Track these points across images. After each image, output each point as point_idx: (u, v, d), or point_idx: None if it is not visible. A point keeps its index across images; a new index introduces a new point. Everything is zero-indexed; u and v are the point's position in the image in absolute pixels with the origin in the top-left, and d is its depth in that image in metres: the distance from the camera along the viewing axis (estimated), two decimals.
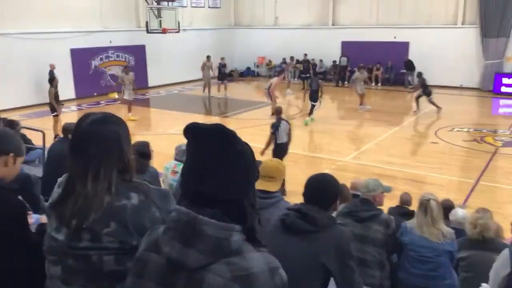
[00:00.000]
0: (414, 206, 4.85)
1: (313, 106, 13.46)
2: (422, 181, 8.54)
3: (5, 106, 14.09)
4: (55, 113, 11.59)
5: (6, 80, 14.73)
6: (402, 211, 4.98)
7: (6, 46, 14.81)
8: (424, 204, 3.75)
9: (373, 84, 20.89)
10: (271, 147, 8.02)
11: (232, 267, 1.18)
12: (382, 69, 20.83)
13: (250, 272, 1.18)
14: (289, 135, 8.09)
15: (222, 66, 18.36)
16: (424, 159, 9.85)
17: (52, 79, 12.07)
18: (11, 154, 1.91)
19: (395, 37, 20.29)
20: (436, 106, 14.59)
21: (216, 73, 18.33)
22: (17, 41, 15.12)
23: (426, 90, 14.59)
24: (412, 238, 3.77)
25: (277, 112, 8.48)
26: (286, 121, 8.15)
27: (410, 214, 4.67)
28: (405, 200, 5.27)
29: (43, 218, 2.55)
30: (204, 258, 1.19)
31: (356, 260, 2.44)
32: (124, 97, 13.99)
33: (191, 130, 1.29)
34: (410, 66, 19.85)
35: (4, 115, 8.36)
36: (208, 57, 17.90)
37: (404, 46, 20.13)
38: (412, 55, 19.84)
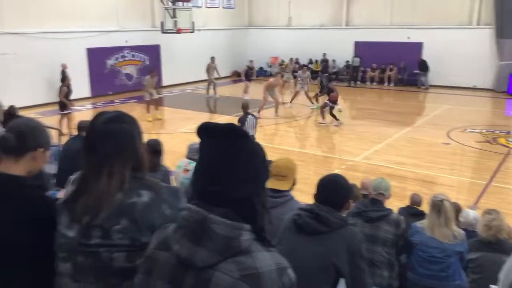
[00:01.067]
0: (424, 207, 4.86)
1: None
2: (432, 182, 8.49)
3: (23, 103, 14.26)
4: (65, 111, 11.80)
5: (23, 78, 14.97)
6: (413, 212, 4.97)
7: (26, 45, 15.05)
8: (438, 205, 3.73)
9: (385, 84, 20.80)
10: None
11: (241, 266, 1.19)
12: (395, 70, 20.71)
13: (259, 272, 1.18)
14: (255, 128, 8.55)
15: (250, 68, 18.28)
16: (435, 159, 9.78)
17: (64, 78, 12.26)
18: (40, 149, 1.86)
19: (408, 38, 20.13)
20: (323, 118, 13.10)
21: (221, 74, 18.45)
22: (36, 40, 15.35)
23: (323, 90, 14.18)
24: (422, 239, 3.77)
25: (243, 107, 8.85)
26: (253, 115, 8.57)
27: (420, 215, 4.67)
28: (415, 201, 5.27)
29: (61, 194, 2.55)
30: (213, 256, 1.19)
31: (366, 261, 2.45)
32: (153, 97, 14.06)
33: (203, 129, 1.30)
34: (423, 66, 19.70)
35: (21, 113, 8.51)
36: (212, 58, 17.87)
37: (418, 46, 19.97)
38: (425, 56, 19.68)
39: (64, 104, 11.76)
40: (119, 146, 1.60)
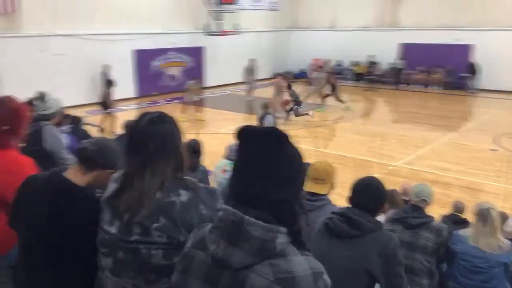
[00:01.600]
0: (467, 215, 4.71)
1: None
2: (477, 189, 8.18)
3: (71, 103, 14.84)
4: (108, 110, 12.31)
5: (72, 78, 15.59)
6: (456, 219, 4.84)
7: (76, 46, 15.67)
8: (484, 214, 3.62)
9: (431, 87, 20.16)
10: None
11: (276, 268, 1.19)
12: (442, 72, 20.04)
13: (294, 275, 1.19)
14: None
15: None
16: (482, 166, 9.41)
17: (110, 80, 12.71)
18: (109, 171, 1.94)
19: (458, 40, 19.41)
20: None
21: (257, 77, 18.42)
22: (86, 42, 15.95)
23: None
24: (464, 248, 3.66)
25: (263, 106, 9.26)
26: (272, 115, 8.88)
27: (463, 223, 4.54)
28: (458, 208, 5.11)
29: None
30: (248, 258, 1.21)
31: (403, 267, 2.39)
32: (194, 100, 14.37)
33: (244, 132, 1.31)
34: (472, 69, 18.91)
35: (73, 112, 8.86)
36: (252, 60, 17.89)
37: (468, 49, 19.23)
38: (476, 59, 18.87)
39: (107, 103, 12.20)
40: (162, 146, 1.66)
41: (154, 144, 1.64)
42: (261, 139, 1.28)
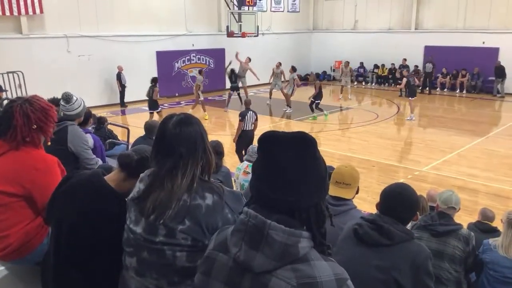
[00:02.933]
0: (496, 223, 4.57)
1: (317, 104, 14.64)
2: (506, 197, 7.94)
3: (97, 103, 15.11)
4: (158, 109, 12.51)
5: (96, 79, 15.87)
6: (484, 227, 4.67)
7: (100, 47, 15.93)
8: None
9: (457, 91, 19.76)
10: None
11: (299, 273, 1.17)
12: (468, 76, 19.61)
13: (316, 281, 1.17)
14: (254, 124, 9.10)
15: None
16: (511, 173, 9.14)
17: (156, 80, 12.75)
18: None
19: (483, 42, 19.00)
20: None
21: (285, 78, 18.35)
22: (109, 43, 16.19)
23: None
24: (494, 257, 3.53)
25: (246, 103, 9.62)
26: (253, 112, 9.15)
27: (492, 231, 4.38)
28: (487, 216, 4.93)
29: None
30: (270, 262, 1.19)
31: (434, 279, 2.30)
32: (200, 99, 14.44)
33: (273, 138, 1.29)
34: (500, 72, 18.43)
35: (96, 112, 9.00)
36: (278, 64, 17.81)
37: (494, 52, 18.79)
38: (503, 62, 18.43)
39: (156, 102, 12.43)
40: (192, 147, 1.66)
41: (185, 146, 1.64)
42: (293, 145, 1.26)
